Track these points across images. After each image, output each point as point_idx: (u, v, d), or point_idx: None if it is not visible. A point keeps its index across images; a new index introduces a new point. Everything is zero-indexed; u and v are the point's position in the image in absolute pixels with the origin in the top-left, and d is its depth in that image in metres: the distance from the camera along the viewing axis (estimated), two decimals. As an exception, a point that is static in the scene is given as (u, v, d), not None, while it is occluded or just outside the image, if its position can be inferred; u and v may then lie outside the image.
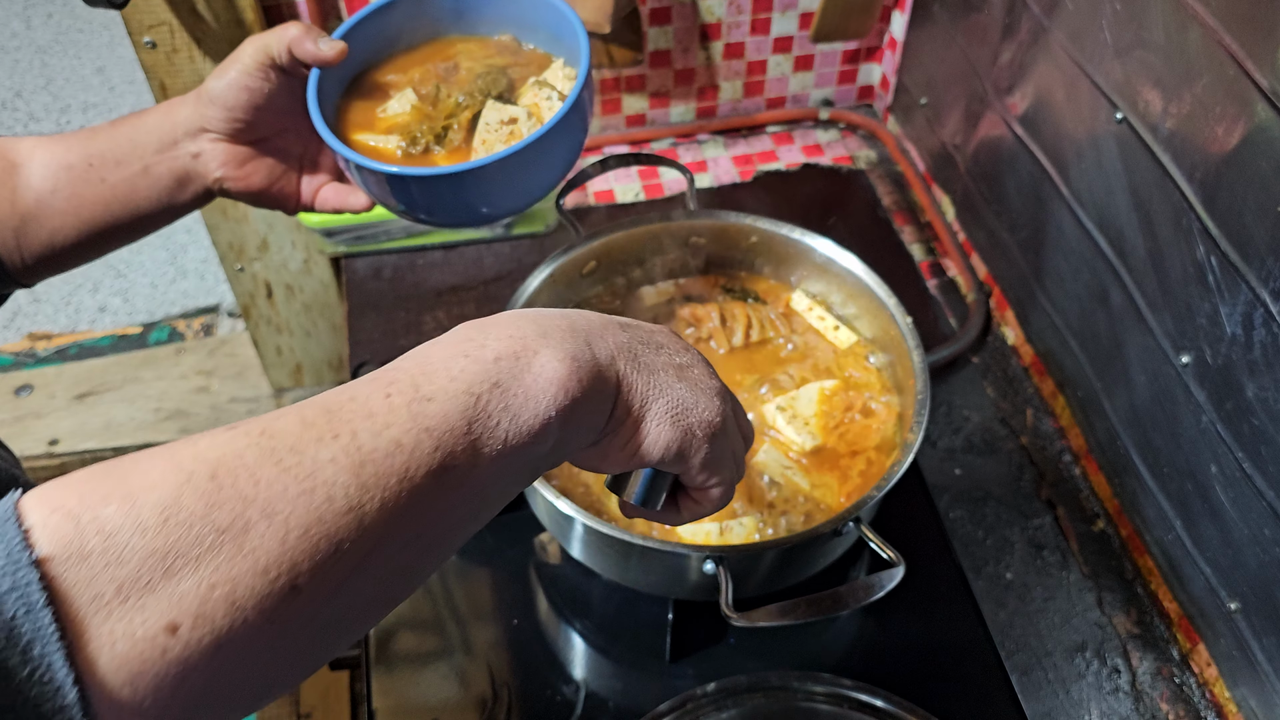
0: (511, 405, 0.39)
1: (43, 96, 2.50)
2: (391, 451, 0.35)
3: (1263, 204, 0.62)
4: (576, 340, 0.42)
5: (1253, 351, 0.65)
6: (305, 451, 0.34)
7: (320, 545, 0.33)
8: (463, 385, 0.38)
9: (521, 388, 0.39)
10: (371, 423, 0.36)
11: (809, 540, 0.67)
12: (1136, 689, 0.79)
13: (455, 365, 0.39)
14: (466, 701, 0.75)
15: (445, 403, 0.37)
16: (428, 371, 0.39)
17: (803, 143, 1.23)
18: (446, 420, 0.37)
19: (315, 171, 0.70)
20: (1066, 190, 0.86)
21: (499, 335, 0.41)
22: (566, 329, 0.43)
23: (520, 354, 0.40)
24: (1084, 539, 0.88)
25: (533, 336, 0.41)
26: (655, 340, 0.48)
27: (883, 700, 0.70)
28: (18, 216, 0.62)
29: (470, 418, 0.38)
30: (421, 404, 0.37)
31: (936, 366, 0.99)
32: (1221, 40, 0.64)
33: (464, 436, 0.37)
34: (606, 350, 0.44)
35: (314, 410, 0.36)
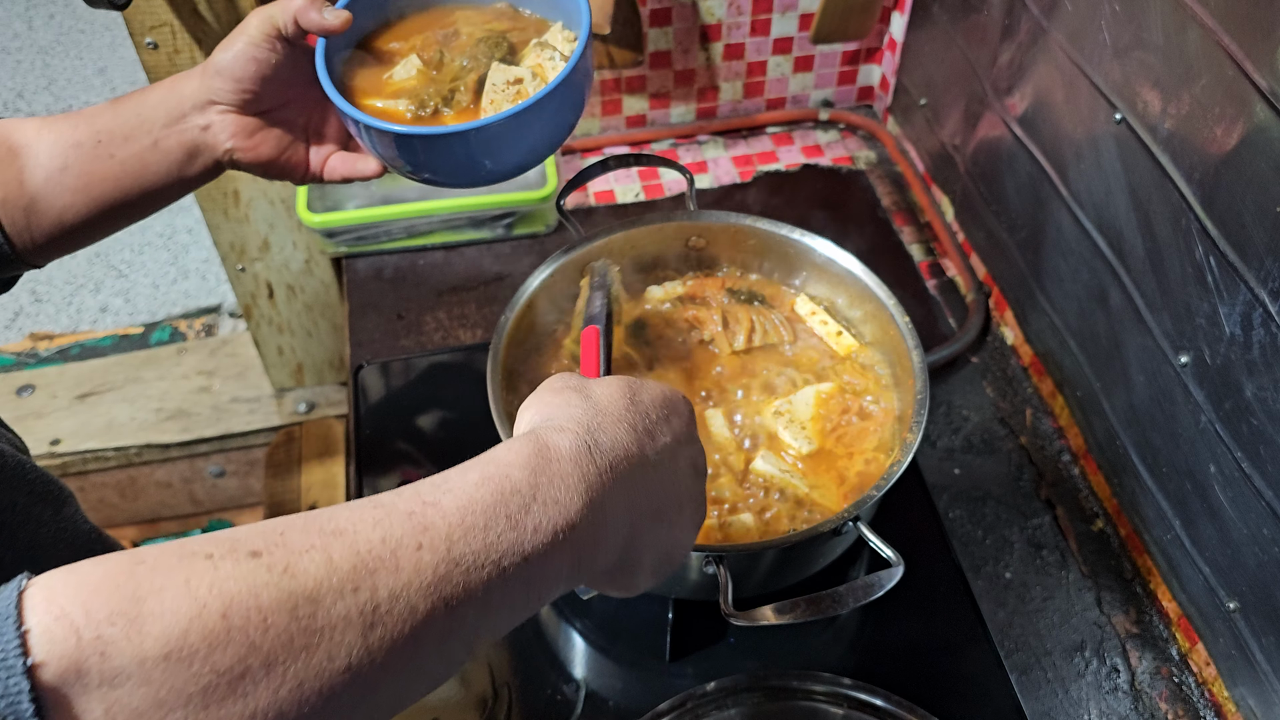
0: (533, 580, 0.39)
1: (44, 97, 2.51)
2: (405, 617, 0.35)
3: (1261, 204, 0.62)
4: (586, 431, 0.43)
5: (1251, 351, 0.66)
6: (321, 602, 0.33)
7: (310, 699, 0.32)
8: (494, 556, 0.38)
9: (547, 566, 0.40)
10: (394, 580, 0.35)
11: (809, 540, 0.67)
12: (1135, 688, 0.80)
13: (495, 528, 0.38)
14: (467, 701, 0.75)
15: (472, 573, 0.37)
16: (466, 525, 0.37)
17: (802, 143, 1.23)
18: (468, 592, 0.37)
19: (322, 141, 0.70)
20: (1065, 191, 0.86)
21: (545, 500, 0.40)
22: (586, 432, 0.43)
23: (558, 533, 0.40)
24: (1083, 538, 0.88)
25: (576, 504, 0.41)
26: (665, 479, 0.47)
27: (882, 699, 0.70)
28: (27, 196, 0.62)
29: (488, 588, 0.37)
30: (449, 568, 0.36)
31: (936, 366, 0.99)
32: (1220, 41, 0.64)
33: (478, 604, 0.37)
34: (629, 519, 0.44)
35: (342, 551, 0.35)
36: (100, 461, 1.57)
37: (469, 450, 1.01)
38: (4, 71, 2.58)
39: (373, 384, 0.97)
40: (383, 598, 0.34)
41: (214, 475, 1.64)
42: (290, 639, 0.32)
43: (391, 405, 0.97)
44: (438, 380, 0.98)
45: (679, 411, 0.50)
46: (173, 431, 1.57)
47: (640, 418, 0.46)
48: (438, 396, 0.97)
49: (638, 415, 0.46)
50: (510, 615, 0.40)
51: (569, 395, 0.47)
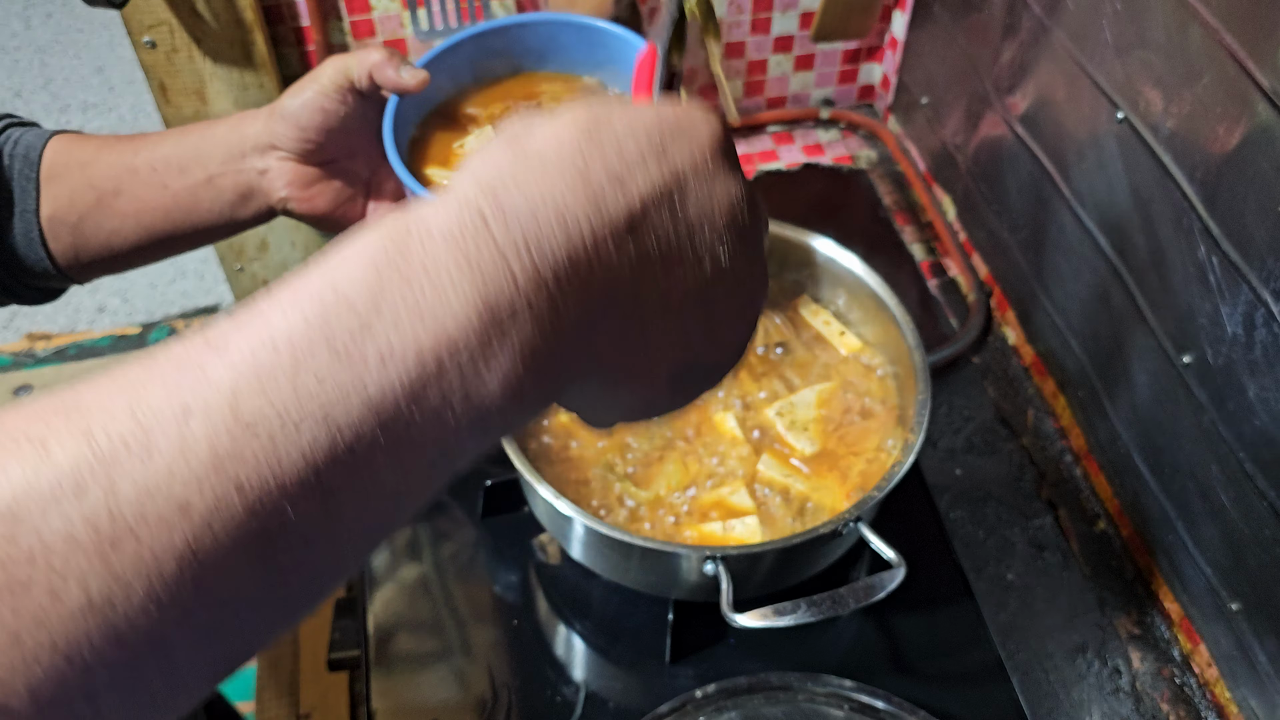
0: (398, 442, 0.25)
1: (42, 96, 2.50)
2: (170, 520, 0.22)
3: (1263, 204, 0.62)
4: (537, 308, 0.26)
5: (1254, 351, 0.65)
6: (24, 518, 0.22)
7: (40, 656, 0.22)
8: (315, 409, 0.23)
9: (420, 418, 0.25)
10: (145, 469, 0.22)
11: (809, 541, 0.67)
12: (1137, 690, 0.79)
13: (310, 367, 0.24)
14: (466, 702, 0.75)
15: (280, 442, 0.23)
16: (263, 371, 0.24)
17: (803, 142, 1.23)
18: (277, 472, 0.23)
19: (381, 197, 0.68)
20: (1067, 190, 0.86)
21: (396, 310, 0.25)
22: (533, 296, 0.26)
23: (425, 359, 0.25)
24: (1085, 539, 0.88)
25: (455, 306, 0.25)
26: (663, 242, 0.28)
27: (883, 701, 0.70)
28: (76, 215, 0.61)
29: (313, 461, 0.24)
30: (236, 439, 0.23)
31: (937, 366, 0.99)
32: (1222, 40, 0.63)
33: (302, 487, 0.23)
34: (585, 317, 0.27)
35: (65, 439, 0.23)
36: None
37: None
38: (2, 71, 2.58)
39: (371, 384, 0.97)
40: (127, 498, 0.22)
41: (212, 475, 1.63)
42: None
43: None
44: (437, 380, 0.97)
45: (687, 135, 0.29)
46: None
47: (600, 155, 0.28)
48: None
49: (595, 152, 0.28)
50: (375, 502, 0.25)
51: (497, 143, 0.29)
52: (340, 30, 1.05)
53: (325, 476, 0.24)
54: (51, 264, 0.62)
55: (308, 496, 0.24)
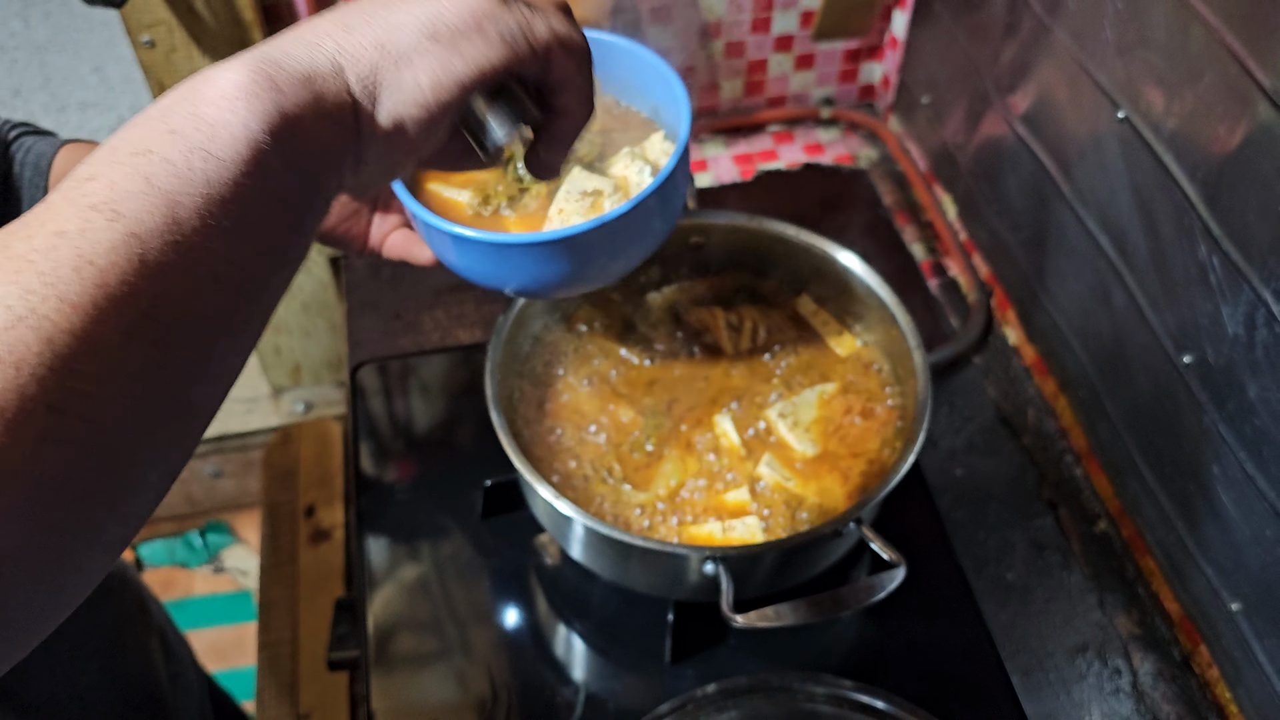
0: (196, 142, 0.32)
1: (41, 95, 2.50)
2: (54, 244, 0.29)
3: (1265, 204, 0.62)
4: (261, 48, 0.36)
5: (1255, 352, 0.65)
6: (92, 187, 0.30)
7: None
8: (127, 150, 0.32)
9: (199, 120, 0.33)
10: (25, 225, 0.30)
11: (810, 541, 0.66)
12: (1138, 690, 0.79)
13: (115, 139, 0.33)
14: (466, 703, 0.75)
15: (109, 170, 0.31)
16: (87, 159, 0.33)
17: (804, 142, 1.23)
18: (114, 187, 0.31)
19: (388, 212, 0.67)
20: (1068, 190, 0.86)
21: (174, 92, 0.35)
22: (255, 47, 0.37)
23: (189, 90, 0.34)
24: (1085, 540, 0.88)
25: (209, 70, 0.35)
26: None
27: (884, 701, 0.70)
28: None
29: (146, 174, 0.31)
30: (81, 185, 0.31)
31: (938, 366, 0.99)
32: (1224, 39, 0.63)
33: (147, 196, 0.31)
34: (306, 39, 0.37)
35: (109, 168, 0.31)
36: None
37: (468, 450, 1.00)
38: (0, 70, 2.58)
39: (371, 384, 0.97)
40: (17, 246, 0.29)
41: (211, 475, 1.63)
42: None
43: (390, 405, 0.96)
44: (436, 380, 0.98)
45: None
46: (171, 431, 1.56)
47: None
48: (436, 396, 0.96)
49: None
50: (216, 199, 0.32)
51: None
52: (340, 29, 1.05)
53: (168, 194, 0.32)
54: None
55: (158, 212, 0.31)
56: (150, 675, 0.87)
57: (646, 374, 0.83)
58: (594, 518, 0.67)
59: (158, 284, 0.30)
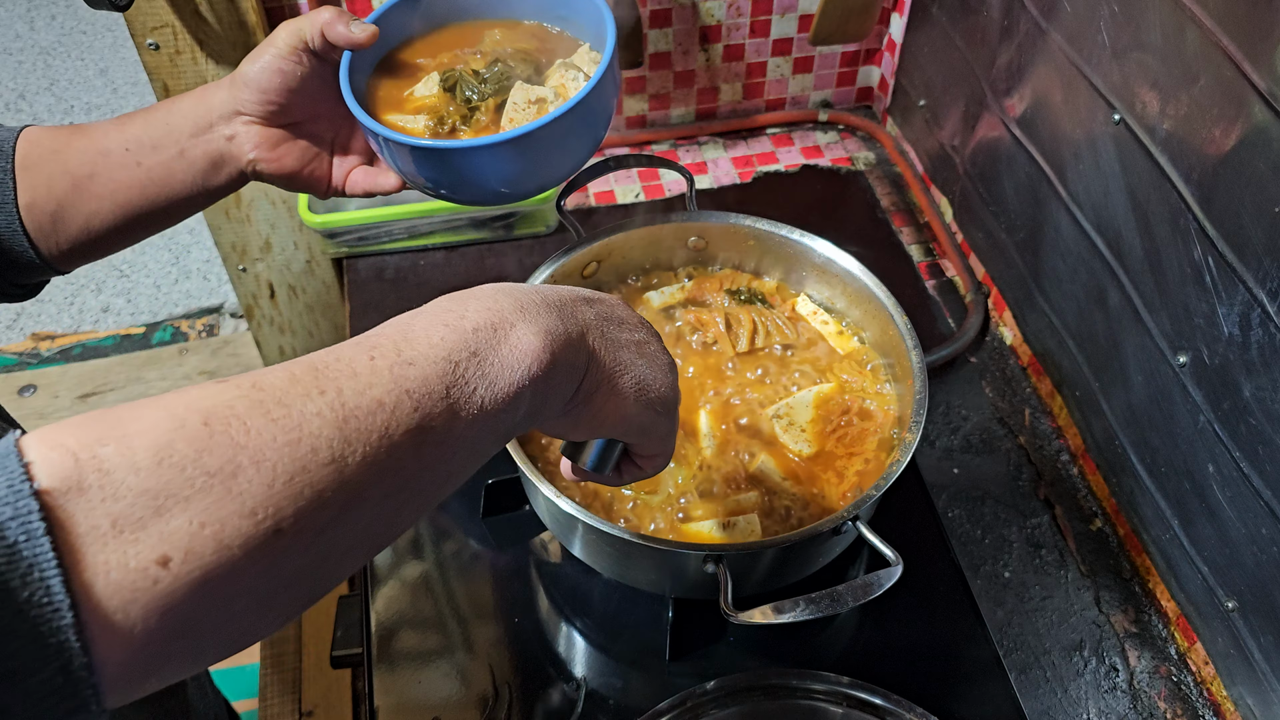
0: (488, 373, 0.41)
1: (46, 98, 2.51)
2: (373, 410, 0.37)
3: (1260, 205, 0.62)
4: (550, 315, 0.45)
5: (1250, 351, 0.66)
6: (293, 405, 0.35)
7: (304, 492, 0.34)
8: (443, 352, 0.40)
9: (498, 358, 0.42)
10: (355, 382, 0.37)
11: (808, 539, 0.67)
12: (1134, 687, 0.80)
13: (435, 334, 0.41)
14: (468, 699, 0.76)
15: (426, 367, 0.39)
16: (409, 338, 0.40)
17: (802, 144, 1.23)
18: (426, 384, 0.39)
19: (346, 154, 0.71)
20: (1064, 191, 0.86)
21: (478, 308, 0.43)
22: (541, 304, 0.45)
23: (498, 326, 0.43)
24: (1082, 538, 0.88)
25: (509, 310, 0.43)
26: (617, 315, 0.51)
27: (881, 698, 0.70)
28: (54, 202, 0.63)
29: (449, 383, 0.40)
30: (403, 368, 0.39)
31: (935, 366, 0.99)
32: (1219, 42, 0.64)
33: (442, 400, 0.39)
34: (578, 325, 0.46)
35: (302, 368, 0.38)
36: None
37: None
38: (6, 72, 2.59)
39: (374, 384, 0.97)
40: (349, 396, 0.37)
41: (215, 475, 1.64)
42: (273, 437, 0.34)
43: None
44: (438, 380, 0.98)
45: (588, 299, 0.51)
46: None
47: (554, 303, 0.48)
48: (438, 396, 0.97)
49: (552, 301, 0.48)
50: (477, 411, 0.41)
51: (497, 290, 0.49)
52: (343, 33, 1.05)
53: (450, 390, 0.40)
54: (35, 254, 0.64)
55: (441, 403, 0.39)
56: None
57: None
58: (595, 516, 0.68)
59: (415, 466, 0.38)
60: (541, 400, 0.44)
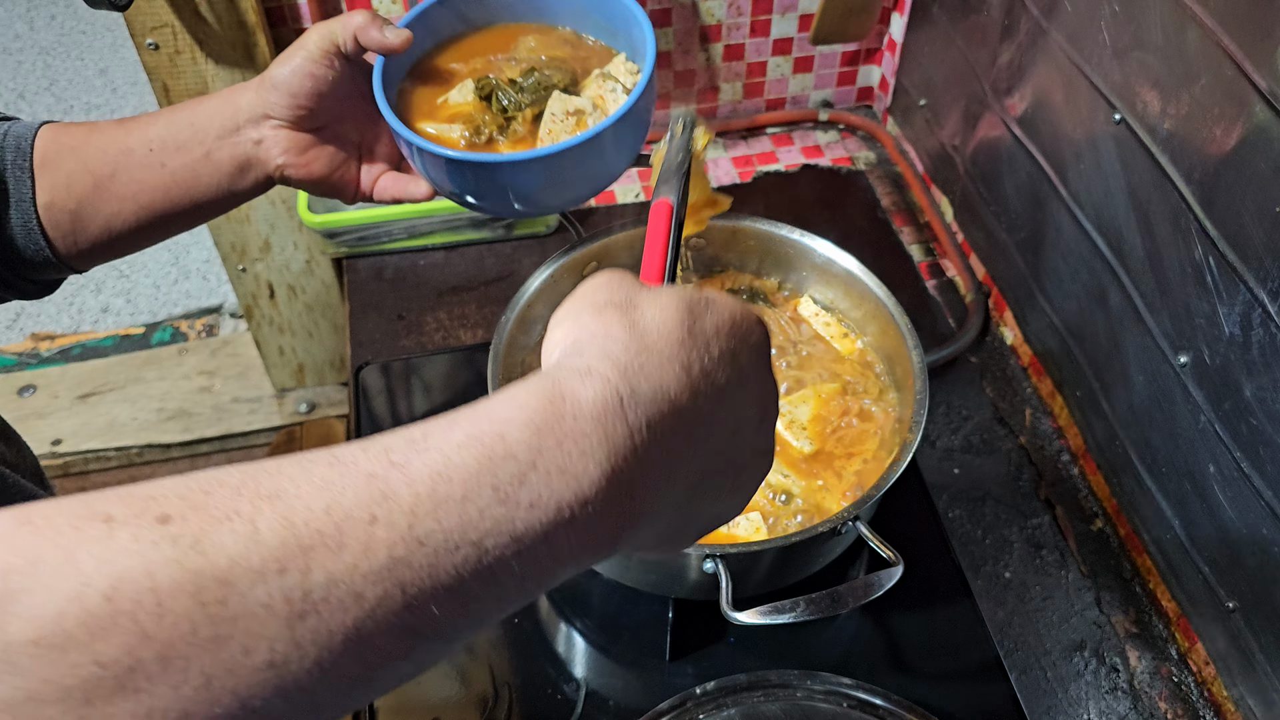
0: (528, 566, 0.31)
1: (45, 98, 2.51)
2: (348, 606, 0.28)
3: (1261, 205, 0.62)
4: (642, 483, 0.33)
5: (1250, 351, 0.66)
6: (235, 585, 0.26)
7: (223, 699, 0.26)
8: (473, 536, 0.29)
9: (546, 549, 0.31)
10: (335, 561, 0.28)
11: (808, 540, 0.67)
12: (1135, 688, 0.80)
13: (476, 502, 0.29)
14: (467, 700, 0.75)
15: (441, 556, 0.29)
16: (439, 497, 0.29)
17: (802, 144, 1.23)
18: (434, 579, 0.29)
19: (374, 160, 0.69)
20: (1065, 191, 0.86)
21: (549, 468, 0.31)
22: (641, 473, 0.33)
23: (563, 509, 0.31)
24: (1082, 538, 0.88)
25: (593, 474, 0.31)
26: (721, 436, 0.37)
27: (881, 699, 0.70)
28: (75, 200, 0.62)
29: (462, 574, 0.29)
30: (409, 549, 0.28)
31: (935, 366, 0.99)
32: (1220, 41, 0.64)
33: (448, 593, 0.29)
34: (666, 489, 0.34)
35: (272, 522, 0.28)
36: (101, 461, 1.57)
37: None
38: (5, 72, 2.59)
39: (374, 384, 0.97)
40: (317, 582, 0.27)
41: (215, 475, 1.64)
42: (193, 629, 0.26)
43: (392, 406, 0.97)
44: (438, 381, 0.98)
45: (749, 341, 0.38)
46: (174, 432, 1.57)
47: (699, 354, 0.35)
48: (438, 397, 0.97)
49: (695, 350, 0.35)
50: (496, 605, 0.31)
51: (611, 317, 0.35)
52: (342, 32, 1.05)
53: (468, 586, 0.30)
54: (51, 253, 0.62)
55: (451, 600, 0.29)
56: None
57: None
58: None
59: (409, 662, 0.30)
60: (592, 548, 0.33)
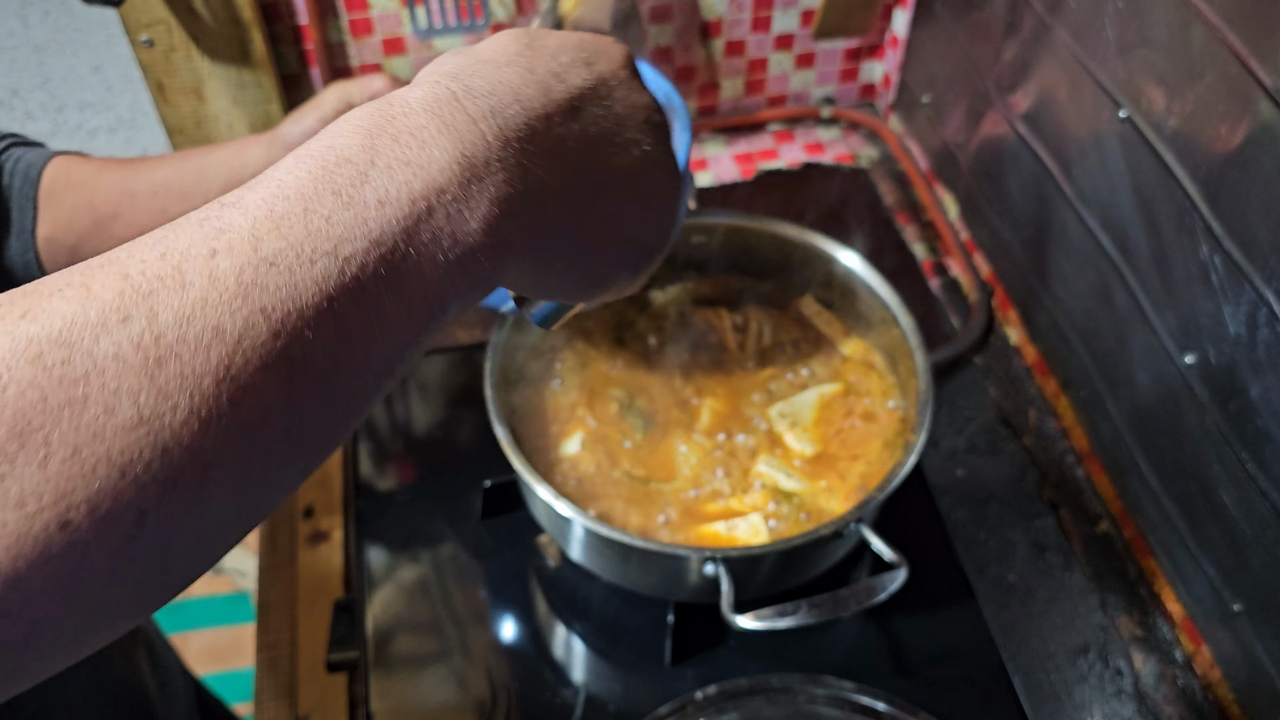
0: (399, 274, 0.28)
1: (39, 95, 2.50)
2: (209, 343, 0.25)
3: (1266, 203, 0.62)
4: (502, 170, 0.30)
5: (1256, 351, 0.65)
6: (77, 343, 0.25)
7: (98, 469, 0.24)
8: (326, 245, 0.27)
9: (414, 253, 0.28)
10: (181, 298, 0.26)
11: (811, 542, 0.66)
12: (1140, 691, 0.79)
13: (320, 210, 0.27)
14: (465, 704, 0.75)
15: (298, 273, 0.27)
16: (278, 215, 0.27)
17: (804, 141, 1.22)
18: (297, 300, 0.26)
19: None
20: (1069, 189, 0.85)
21: (390, 162, 0.29)
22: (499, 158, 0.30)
23: (417, 202, 0.29)
24: (1087, 540, 0.87)
25: (440, 160, 0.29)
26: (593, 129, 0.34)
27: (885, 703, 0.69)
28: (75, 236, 0.61)
29: (326, 290, 0.27)
30: (259, 271, 0.26)
31: (939, 366, 0.99)
32: (1225, 38, 0.63)
33: (319, 314, 0.27)
34: (541, 179, 0.31)
35: (105, 280, 0.26)
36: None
37: (467, 451, 1.00)
38: None
39: (370, 384, 0.97)
40: (167, 323, 0.25)
41: (211, 475, 1.63)
42: (42, 396, 0.24)
43: (389, 406, 0.96)
44: (436, 380, 0.97)
45: (606, 51, 0.36)
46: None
47: (542, 60, 0.34)
48: (435, 397, 0.96)
49: (537, 58, 0.34)
50: (374, 333, 0.28)
51: (449, 53, 0.35)
52: (338, 29, 1.05)
53: (337, 304, 0.27)
54: None
55: (322, 322, 0.27)
56: (138, 683, 0.87)
57: (648, 374, 0.82)
58: (593, 518, 0.67)
59: (286, 418, 0.27)
60: (478, 294, 0.31)
